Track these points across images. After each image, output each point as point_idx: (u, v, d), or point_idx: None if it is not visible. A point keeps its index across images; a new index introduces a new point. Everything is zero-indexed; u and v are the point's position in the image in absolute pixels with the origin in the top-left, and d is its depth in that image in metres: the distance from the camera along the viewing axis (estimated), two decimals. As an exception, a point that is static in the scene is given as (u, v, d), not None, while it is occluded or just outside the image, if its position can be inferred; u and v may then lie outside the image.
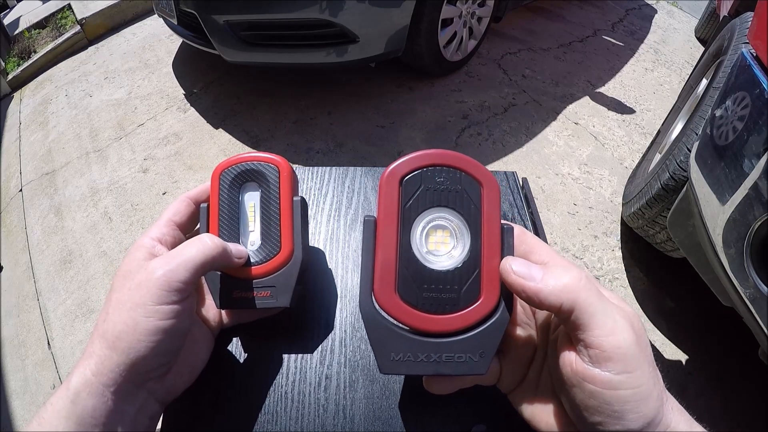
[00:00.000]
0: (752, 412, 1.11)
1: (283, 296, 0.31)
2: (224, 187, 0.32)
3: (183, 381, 0.29)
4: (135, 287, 0.26)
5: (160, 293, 0.25)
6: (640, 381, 0.21)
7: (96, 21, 2.72)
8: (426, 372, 0.25)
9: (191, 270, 0.26)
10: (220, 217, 0.32)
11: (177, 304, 0.26)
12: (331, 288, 0.39)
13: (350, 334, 0.36)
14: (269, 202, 0.32)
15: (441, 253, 0.26)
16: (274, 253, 0.32)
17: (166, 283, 0.25)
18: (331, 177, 0.48)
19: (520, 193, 0.46)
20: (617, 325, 0.21)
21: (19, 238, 1.64)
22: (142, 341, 0.25)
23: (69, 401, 0.23)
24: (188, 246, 0.28)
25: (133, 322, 0.25)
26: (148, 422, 0.27)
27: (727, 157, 0.83)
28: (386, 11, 1.70)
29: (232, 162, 0.33)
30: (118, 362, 0.24)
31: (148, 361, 0.25)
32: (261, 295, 0.31)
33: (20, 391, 1.21)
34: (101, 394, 0.24)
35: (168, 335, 0.25)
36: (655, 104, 2.16)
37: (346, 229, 0.43)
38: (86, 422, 0.23)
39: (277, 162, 0.33)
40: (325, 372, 0.33)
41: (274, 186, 0.32)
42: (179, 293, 0.26)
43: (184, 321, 0.27)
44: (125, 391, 0.25)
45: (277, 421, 0.31)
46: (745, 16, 1.19)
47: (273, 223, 0.32)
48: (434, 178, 0.26)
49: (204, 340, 0.31)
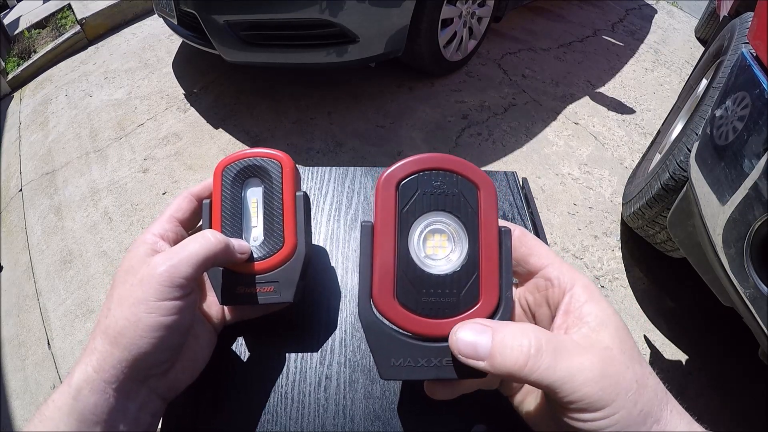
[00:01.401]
0: (752, 412, 1.11)
1: (286, 291, 0.31)
2: (227, 183, 0.32)
3: (185, 378, 0.29)
4: (137, 283, 0.25)
5: (162, 289, 0.25)
6: (620, 402, 0.20)
7: (96, 21, 2.72)
8: (427, 376, 0.25)
9: (193, 266, 0.26)
10: (222, 213, 0.32)
11: (179, 300, 0.26)
12: (332, 288, 0.39)
13: (350, 334, 0.36)
14: (272, 198, 0.32)
15: (439, 257, 0.25)
16: (277, 248, 0.31)
17: (168, 278, 0.25)
18: (331, 177, 0.48)
19: (520, 193, 0.46)
20: (583, 374, 0.21)
21: (19, 238, 1.64)
22: (144, 337, 0.24)
23: (71, 398, 0.23)
24: (191, 242, 0.27)
25: (135, 318, 0.25)
26: (150, 419, 0.27)
27: (727, 157, 0.83)
28: (386, 11, 1.70)
29: (235, 158, 0.32)
30: (120, 358, 0.24)
31: (150, 358, 0.25)
32: (264, 290, 0.31)
33: (20, 391, 1.21)
34: (103, 390, 0.24)
35: (170, 331, 0.25)
36: (655, 104, 2.16)
37: (346, 229, 0.43)
38: (88, 419, 0.23)
39: (279, 157, 0.32)
40: (325, 372, 0.33)
41: (276, 181, 0.32)
42: (181, 289, 0.26)
43: (187, 317, 0.27)
44: (127, 388, 0.25)
45: (277, 421, 0.31)
46: (745, 16, 1.19)
47: (276, 218, 0.32)
48: (431, 182, 0.25)
49: (206, 337, 0.31)
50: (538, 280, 0.26)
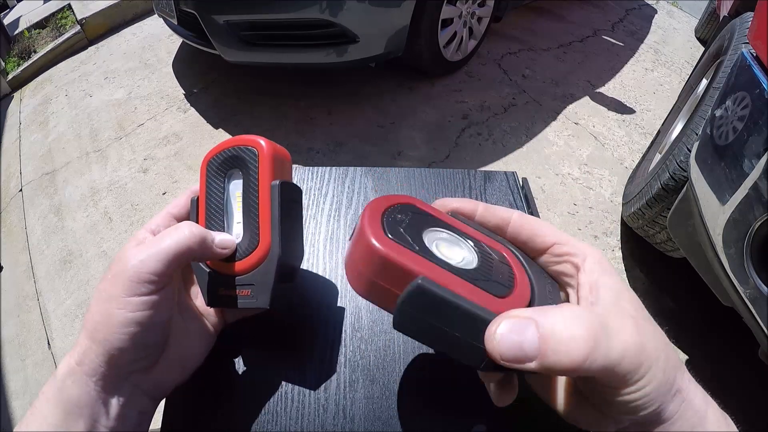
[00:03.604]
0: (752, 412, 1.11)
1: (262, 296, 0.28)
2: (211, 176, 0.30)
3: (173, 376, 0.28)
4: (111, 278, 0.25)
5: (130, 284, 0.25)
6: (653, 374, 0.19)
7: (96, 21, 2.72)
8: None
9: (163, 261, 0.25)
10: (207, 208, 0.30)
11: (149, 296, 0.25)
12: (331, 287, 0.39)
13: (350, 334, 0.35)
14: (249, 190, 0.29)
15: (458, 260, 0.23)
16: (254, 246, 0.29)
17: (135, 274, 0.25)
18: (331, 177, 0.48)
19: (520, 193, 0.46)
20: (630, 349, 0.19)
21: (19, 238, 1.64)
22: (116, 333, 0.24)
23: (56, 389, 0.24)
24: (164, 236, 0.26)
25: (107, 314, 0.25)
26: (138, 416, 0.26)
27: (727, 157, 0.83)
28: (386, 11, 1.70)
29: (217, 150, 0.30)
30: (98, 353, 0.24)
31: (125, 354, 0.25)
32: (242, 293, 0.29)
33: (20, 391, 1.21)
34: (84, 383, 0.24)
35: (142, 327, 0.25)
36: (655, 104, 2.16)
37: (346, 229, 0.43)
38: (72, 410, 0.24)
39: (255, 143, 0.29)
40: (325, 372, 0.33)
41: (253, 171, 0.29)
42: (151, 284, 0.25)
43: (161, 313, 0.26)
44: (109, 383, 0.25)
45: (277, 421, 0.31)
46: (745, 16, 1.19)
47: (252, 213, 0.29)
48: (397, 216, 0.23)
49: (199, 336, 0.30)
50: (548, 257, 0.26)
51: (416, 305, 0.20)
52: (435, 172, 0.48)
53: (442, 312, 0.20)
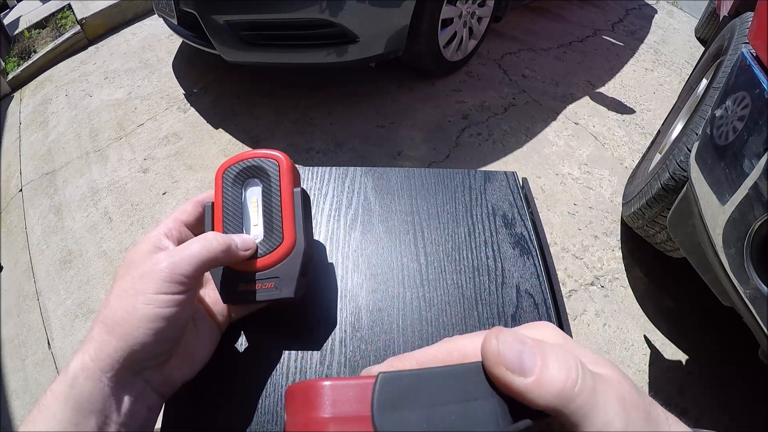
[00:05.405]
0: (752, 412, 1.11)
1: (287, 287, 0.31)
2: (227, 185, 0.33)
3: (182, 373, 0.29)
4: (138, 277, 0.26)
5: (162, 283, 0.26)
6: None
7: (96, 21, 2.72)
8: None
9: (194, 265, 0.27)
10: (224, 213, 0.32)
11: (177, 295, 0.27)
12: (331, 288, 0.39)
13: (350, 334, 0.36)
14: (270, 195, 0.33)
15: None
16: (276, 244, 0.32)
17: (168, 275, 0.26)
18: (331, 177, 0.48)
19: (520, 193, 0.46)
20: (609, 417, 0.16)
21: (19, 238, 1.64)
22: (140, 328, 0.25)
23: (67, 385, 0.24)
24: (193, 243, 0.29)
25: (133, 309, 0.25)
26: (147, 412, 0.27)
27: (727, 157, 0.83)
28: (386, 11, 1.70)
29: (234, 161, 0.34)
30: (116, 348, 0.25)
31: (145, 348, 0.25)
32: (265, 287, 0.31)
33: (20, 391, 1.21)
34: (98, 379, 0.24)
35: (167, 323, 0.26)
36: (655, 104, 2.16)
37: (346, 229, 0.43)
38: (83, 407, 0.24)
39: (276, 157, 0.33)
40: (325, 372, 0.33)
41: (274, 179, 0.33)
42: (181, 285, 0.27)
43: (185, 311, 0.27)
44: (122, 378, 0.25)
45: (277, 421, 0.31)
46: (745, 16, 1.19)
47: (275, 215, 0.32)
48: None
49: (208, 334, 0.32)
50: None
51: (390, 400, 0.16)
52: (435, 172, 0.48)
53: (421, 389, 0.17)
